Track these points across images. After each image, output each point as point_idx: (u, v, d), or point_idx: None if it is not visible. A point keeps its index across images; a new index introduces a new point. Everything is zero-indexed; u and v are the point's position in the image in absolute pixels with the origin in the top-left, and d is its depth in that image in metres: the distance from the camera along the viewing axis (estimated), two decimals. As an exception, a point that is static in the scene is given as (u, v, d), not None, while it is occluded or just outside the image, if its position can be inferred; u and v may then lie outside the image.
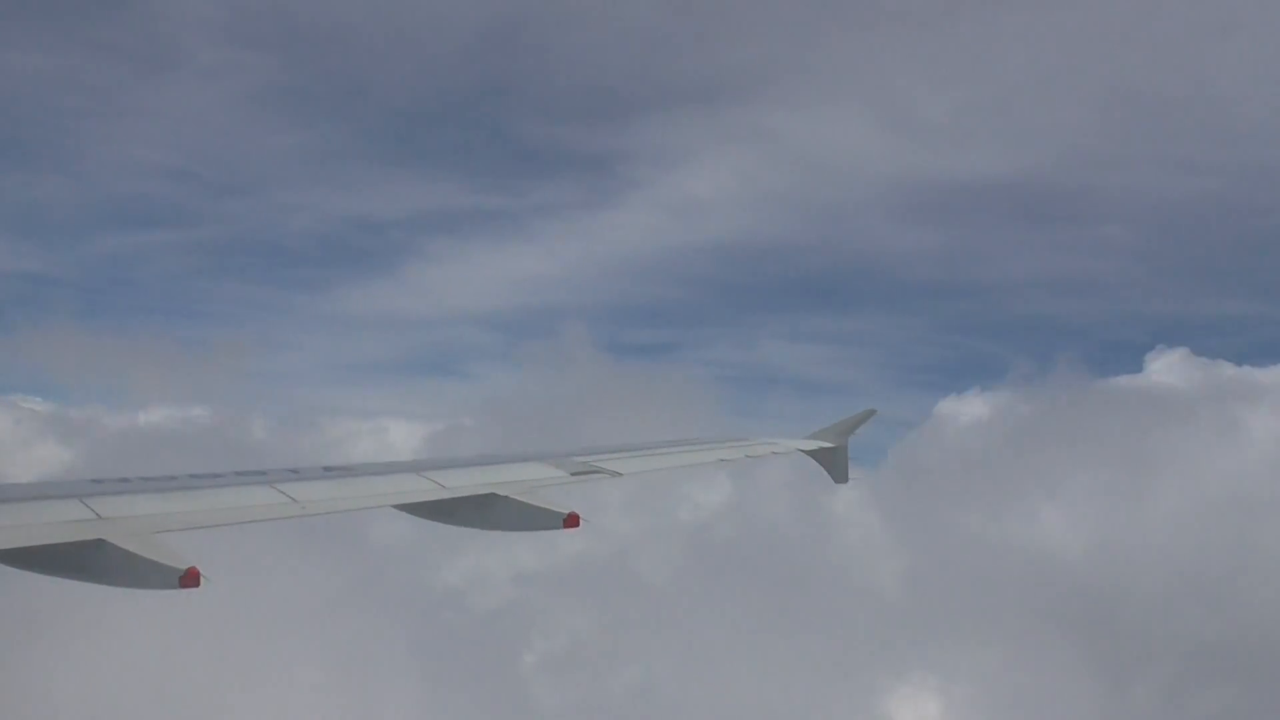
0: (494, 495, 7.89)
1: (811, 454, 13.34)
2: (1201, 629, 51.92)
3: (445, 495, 7.74)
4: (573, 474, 9.00)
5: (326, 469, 7.86)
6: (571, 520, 7.76)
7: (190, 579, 5.41)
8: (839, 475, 13.64)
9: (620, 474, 9.41)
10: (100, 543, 5.55)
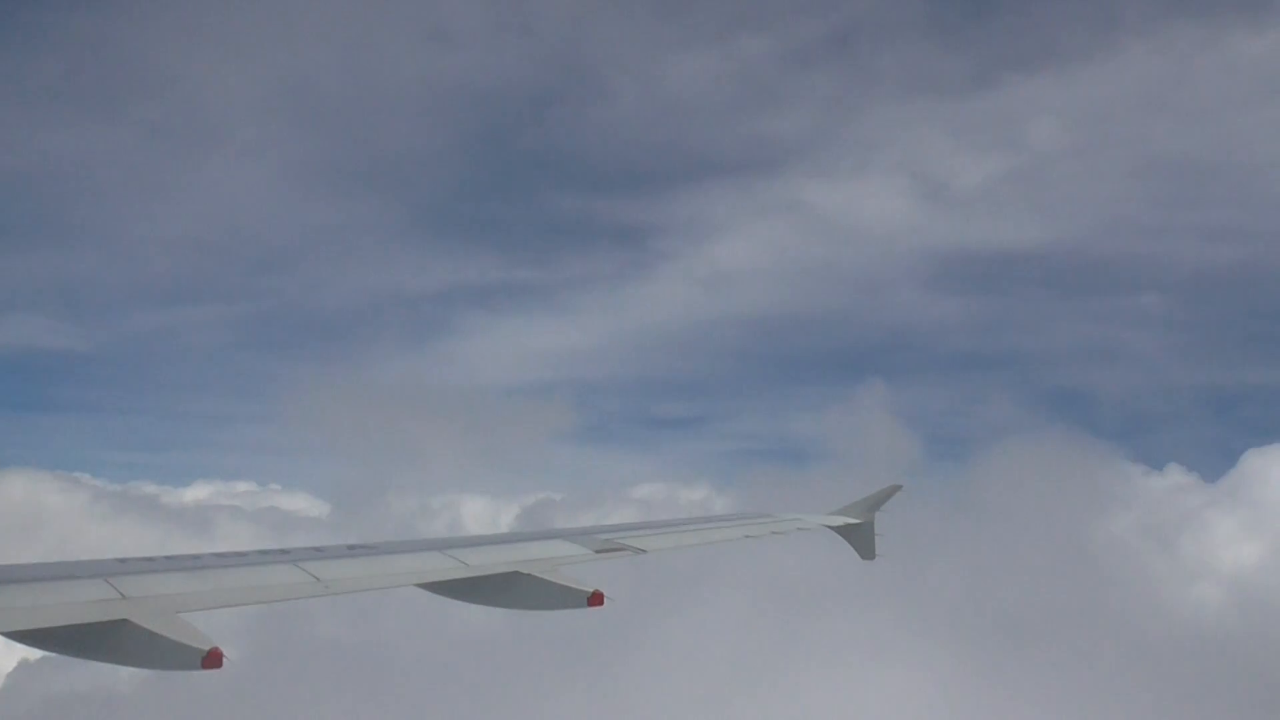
0: (517, 574, 7.83)
1: (837, 530, 13.17)
2: None
3: (469, 574, 7.69)
4: (597, 551, 8.93)
5: (350, 547, 7.84)
6: (596, 599, 7.67)
7: (213, 660, 5.37)
8: (865, 552, 13.42)
9: (644, 551, 9.32)
10: (124, 623, 5.53)
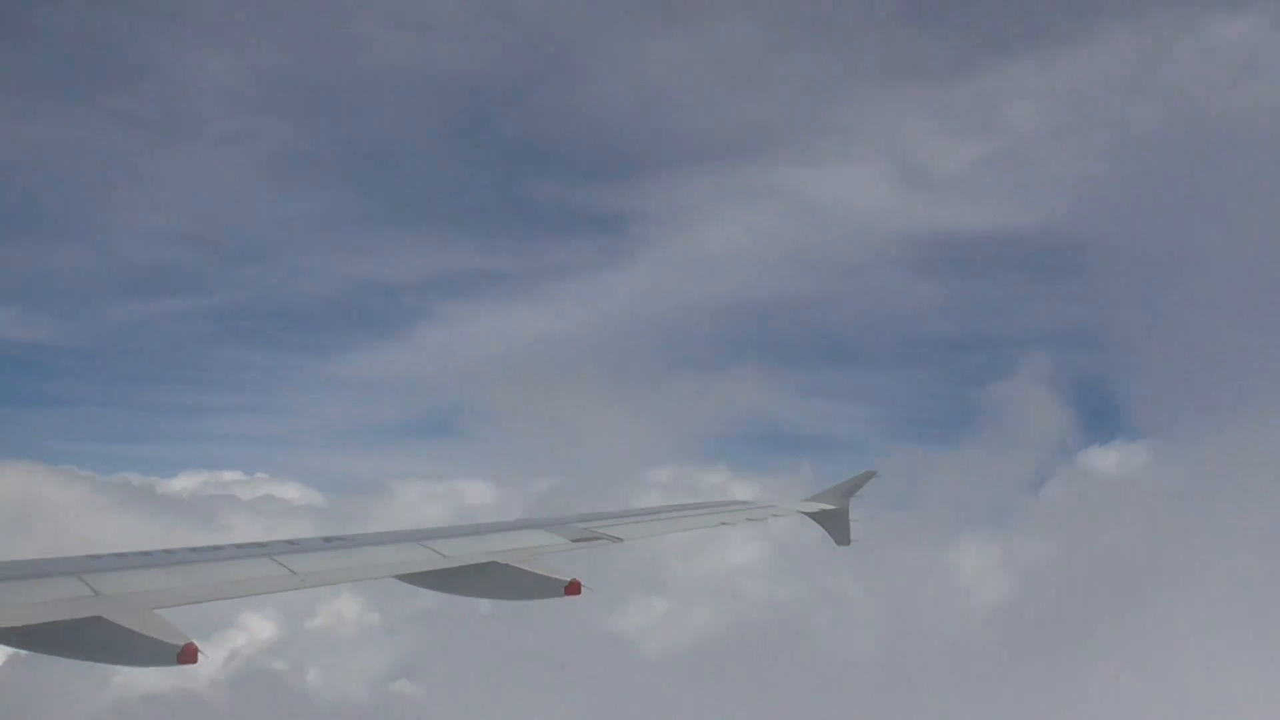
0: (494, 564, 7.85)
1: (813, 516, 13.27)
2: None
3: (445, 564, 7.70)
4: (574, 540, 8.96)
5: (326, 540, 7.83)
6: (573, 588, 7.70)
7: (188, 655, 5.36)
8: (840, 538, 13.54)
9: (621, 539, 9.36)
10: (98, 620, 5.51)
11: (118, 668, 5.67)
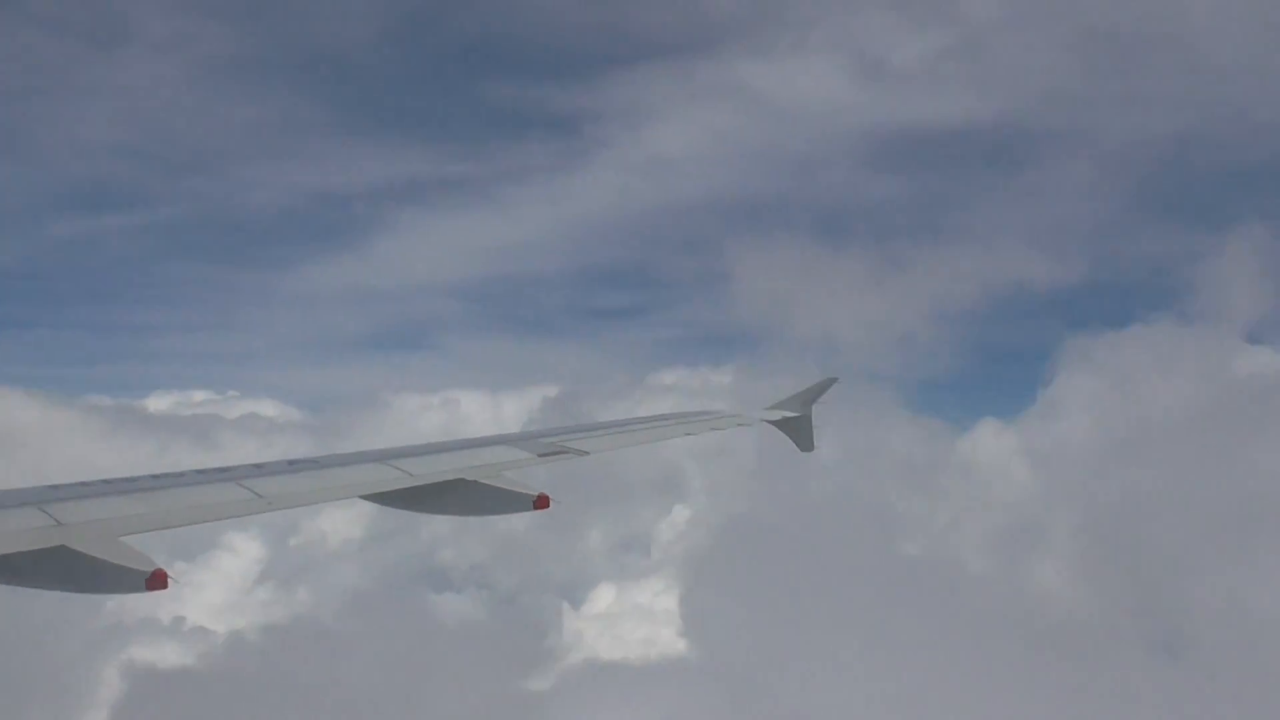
0: (461, 480, 7.87)
1: (776, 424, 13.42)
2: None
3: (412, 483, 7.70)
4: (540, 455, 9.00)
5: (291, 462, 7.78)
6: (541, 502, 7.76)
7: (157, 581, 5.34)
8: (804, 444, 13.73)
9: (587, 453, 9.42)
10: (61, 549, 5.45)
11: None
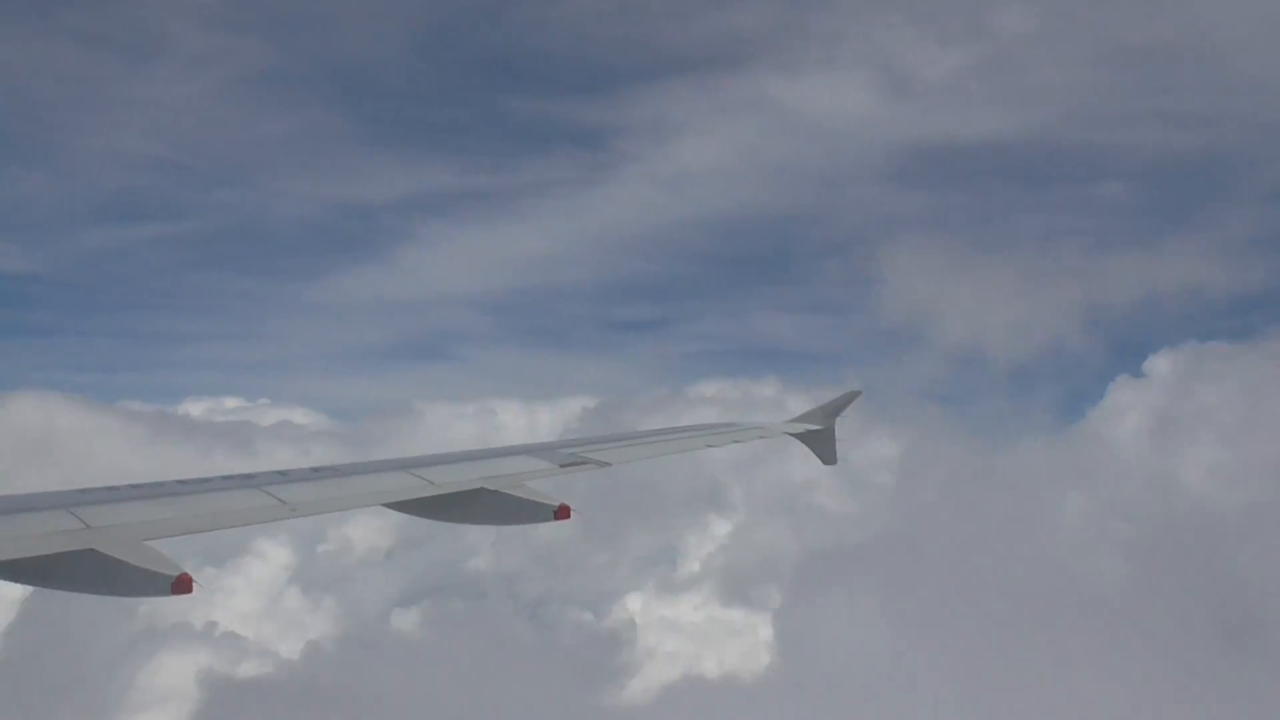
0: (483, 489, 7.91)
1: (799, 437, 13.39)
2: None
3: (434, 492, 7.76)
4: (561, 465, 9.03)
5: (315, 470, 7.87)
6: (562, 512, 7.79)
7: (182, 585, 5.42)
8: (827, 457, 13.68)
9: (609, 464, 9.44)
10: (90, 552, 5.55)
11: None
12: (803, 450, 13.55)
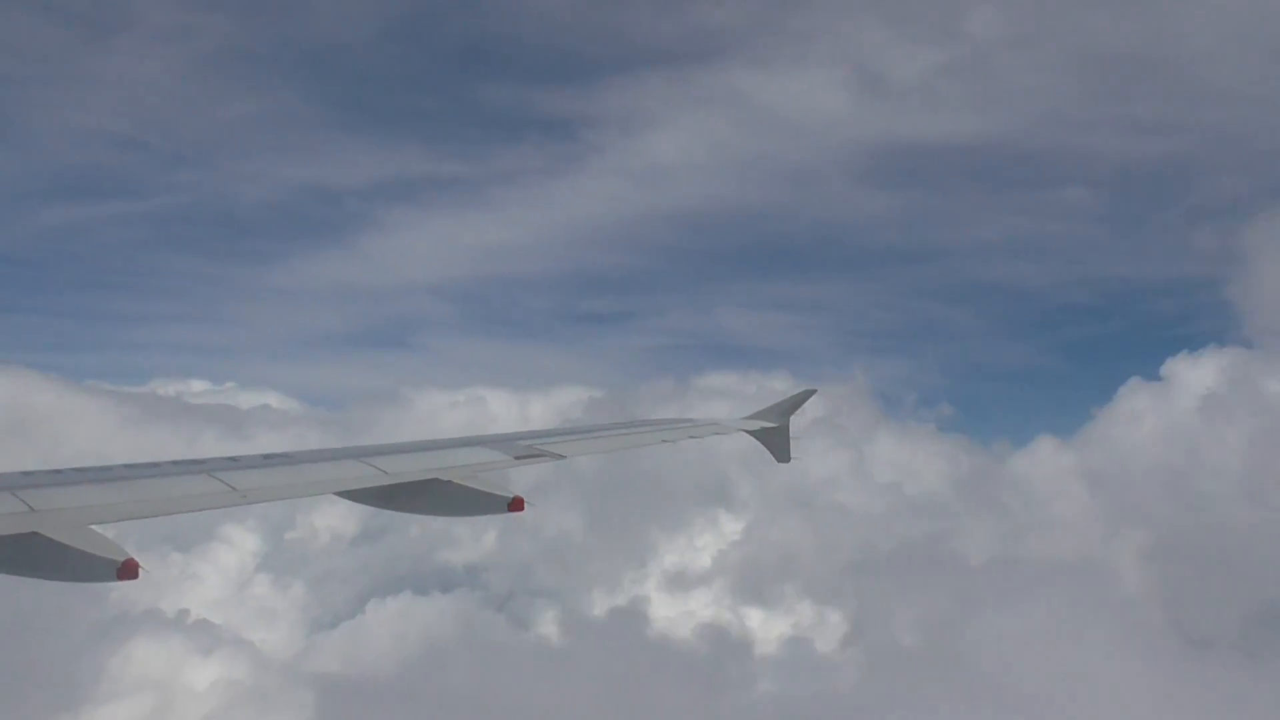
0: (436, 480, 7.90)
1: (754, 434, 13.51)
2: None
3: (387, 481, 7.73)
4: (516, 457, 9.04)
5: (266, 457, 7.80)
6: (516, 504, 7.80)
7: (128, 571, 5.36)
8: (781, 455, 13.82)
9: (564, 456, 9.46)
10: (33, 536, 5.46)
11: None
12: (803, 447, 13.70)
